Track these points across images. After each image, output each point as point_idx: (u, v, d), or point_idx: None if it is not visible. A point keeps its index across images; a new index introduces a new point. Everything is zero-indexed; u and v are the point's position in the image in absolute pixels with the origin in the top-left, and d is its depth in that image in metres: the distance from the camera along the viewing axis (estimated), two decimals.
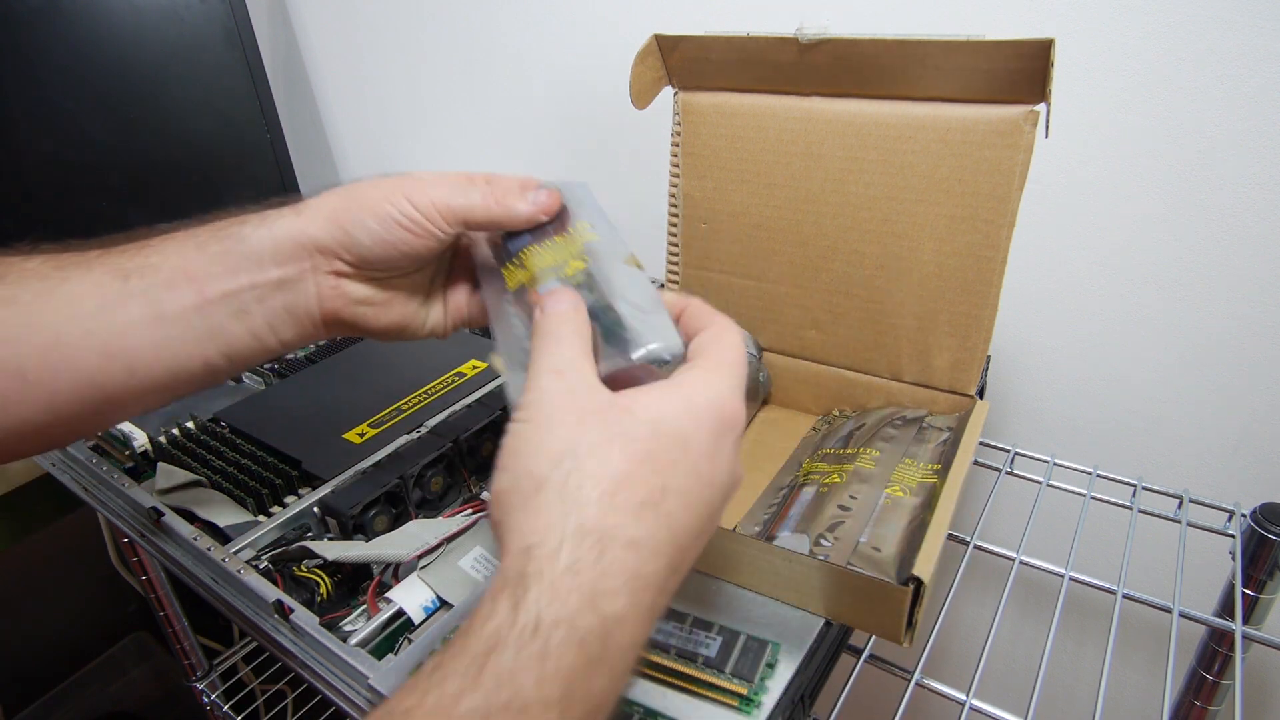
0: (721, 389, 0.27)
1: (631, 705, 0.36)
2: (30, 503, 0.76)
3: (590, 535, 0.22)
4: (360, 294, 0.36)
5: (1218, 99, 0.52)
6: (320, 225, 0.34)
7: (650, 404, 0.26)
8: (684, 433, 0.25)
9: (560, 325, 0.29)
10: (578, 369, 0.27)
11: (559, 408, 0.26)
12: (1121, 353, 0.62)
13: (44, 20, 0.76)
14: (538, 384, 0.27)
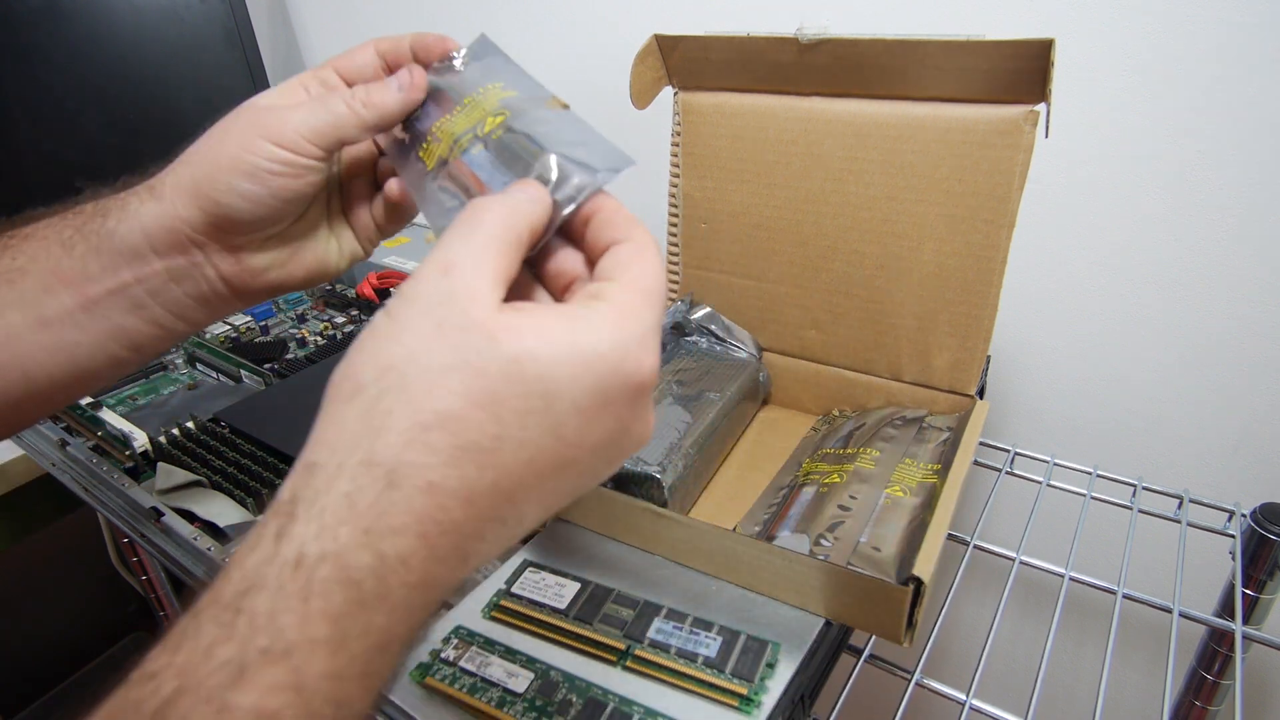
0: (625, 336, 0.22)
1: (631, 705, 0.36)
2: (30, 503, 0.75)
3: (379, 467, 0.20)
4: (263, 261, 0.33)
5: (1218, 99, 0.52)
6: (186, 206, 0.31)
7: (528, 336, 0.21)
8: (553, 382, 0.21)
9: (482, 212, 0.24)
10: (472, 267, 0.22)
11: (421, 310, 0.22)
12: (1121, 353, 0.62)
13: (44, 20, 0.76)
14: (417, 275, 0.23)
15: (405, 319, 0.22)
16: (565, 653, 0.39)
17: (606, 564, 0.45)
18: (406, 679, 0.38)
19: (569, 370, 0.21)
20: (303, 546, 0.19)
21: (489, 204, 0.25)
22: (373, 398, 0.21)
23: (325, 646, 0.18)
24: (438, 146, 0.32)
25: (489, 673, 0.37)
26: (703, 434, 0.50)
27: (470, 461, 0.20)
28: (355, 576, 0.19)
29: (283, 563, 0.19)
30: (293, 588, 0.18)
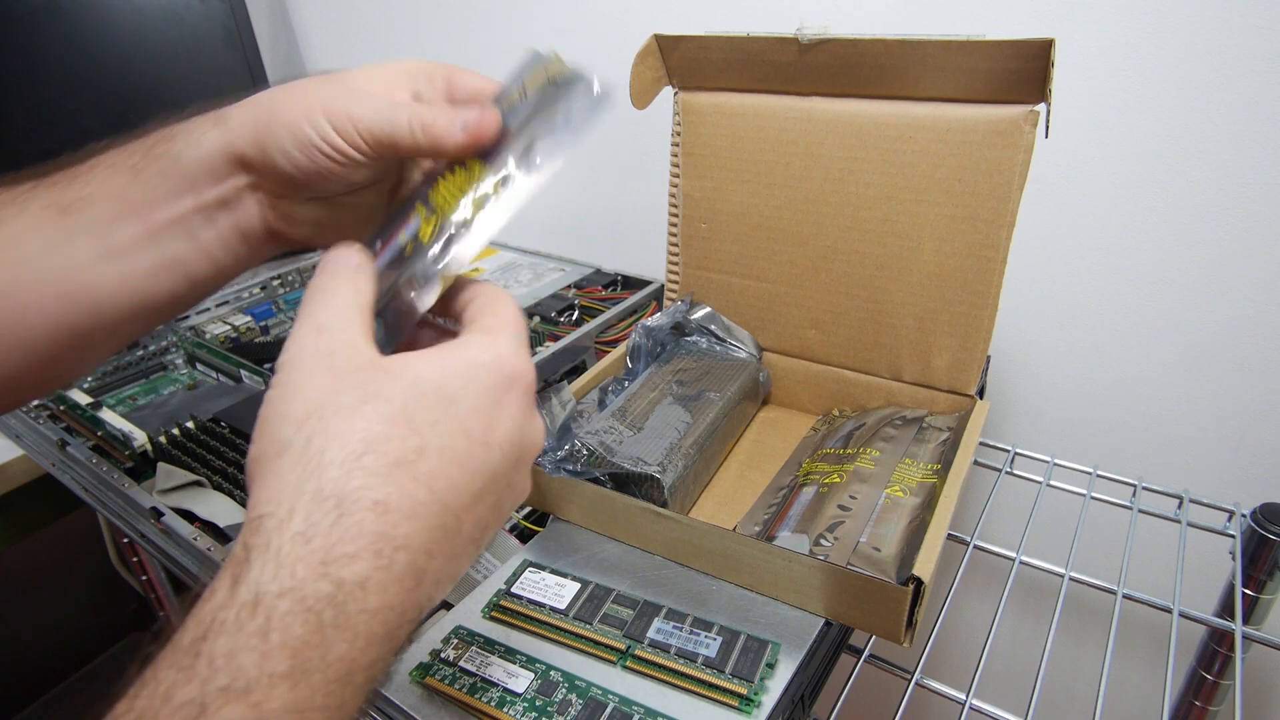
0: (498, 348, 0.26)
1: (631, 705, 0.36)
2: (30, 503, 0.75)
3: (329, 499, 0.21)
4: (302, 214, 0.33)
5: (1218, 99, 0.52)
6: (244, 139, 0.31)
7: (412, 364, 0.24)
8: (448, 391, 0.24)
9: (333, 278, 0.27)
10: (342, 325, 0.25)
11: (312, 368, 0.24)
12: (1121, 353, 0.62)
13: (44, 20, 0.76)
14: (295, 342, 0.25)
15: (300, 379, 0.24)
16: (565, 653, 0.39)
17: (606, 564, 0.45)
18: (406, 679, 0.38)
19: (459, 379, 0.24)
20: (260, 587, 0.19)
21: (337, 269, 0.28)
22: (301, 446, 0.22)
23: (286, 680, 0.19)
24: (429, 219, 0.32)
25: (489, 673, 0.37)
26: (703, 434, 0.50)
27: (405, 475, 0.22)
28: (315, 607, 0.19)
29: (240, 604, 0.19)
30: (252, 626, 0.19)
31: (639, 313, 0.73)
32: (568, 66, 0.32)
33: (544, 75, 0.32)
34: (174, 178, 0.31)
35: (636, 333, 0.58)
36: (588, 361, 0.66)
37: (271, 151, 0.30)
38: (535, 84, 0.32)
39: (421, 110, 0.31)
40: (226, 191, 0.32)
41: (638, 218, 0.86)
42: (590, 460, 0.47)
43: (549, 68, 0.32)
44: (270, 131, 0.30)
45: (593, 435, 0.48)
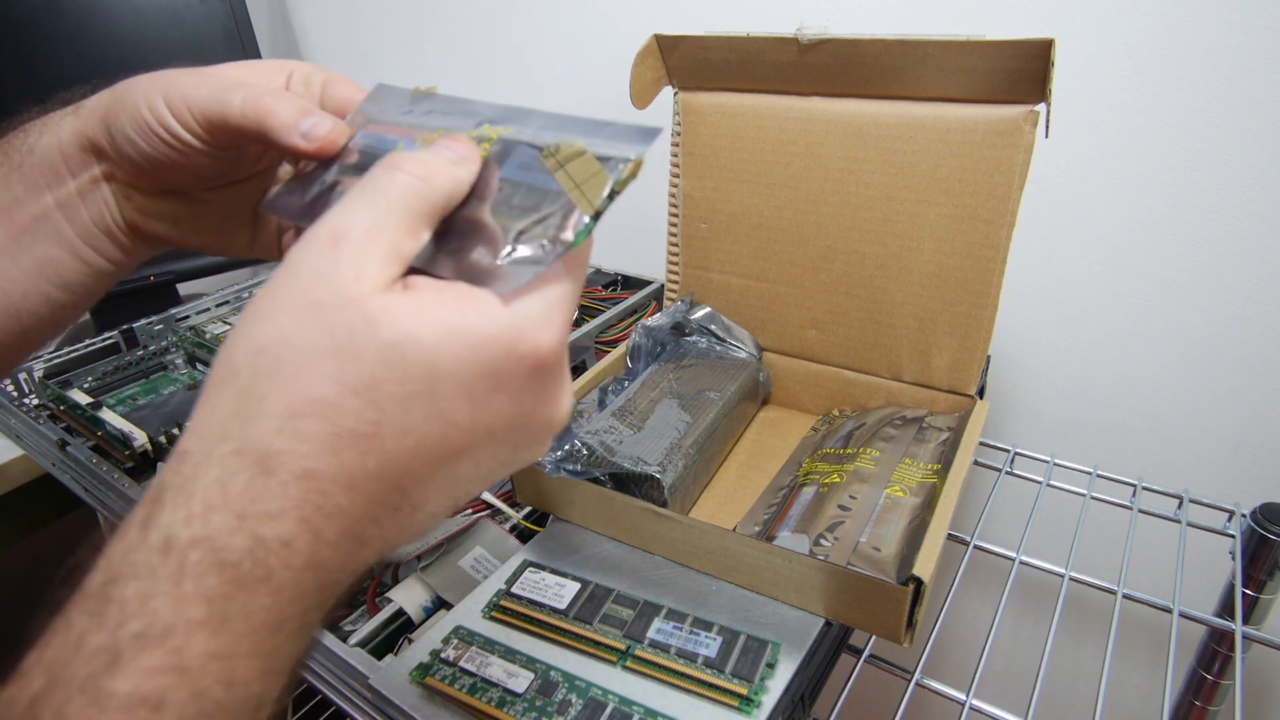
0: (519, 315, 0.21)
1: (631, 705, 0.36)
2: (30, 503, 0.75)
3: (250, 455, 0.19)
4: (158, 209, 0.31)
5: (1218, 99, 0.52)
6: (94, 124, 0.29)
7: (408, 319, 0.20)
8: (436, 365, 0.20)
9: (391, 174, 0.22)
10: (362, 240, 0.21)
11: (299, 286, 0.20)
12: (1121, 353, 0.62)
13: (44, 19, 0.76)
14: (304, 243, 0.21)
15: (283, 296, 0.21)
16: (565, 653, 0.39)
17: (606, 564, 0.45)
18: (406, 679, 0.38)
19: (453, 353, 0.20)
20: (170, 531, 0.18)
21: (401, 165, 0.22)
22: (246, 383, 0.20)
23: (204, 628, 0.18)
24: None
25: (489, 673, 0.37)
26: (703, 434, 0.50)
27: (349, 448, 0.20)
28: (230, 559, 0.18)
29: (150, 549, 0.18)
30: (164, 572, 0.18)
31: (639, 313, 0.73)
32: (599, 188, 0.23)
33: (553, 161, 0.24)
34: (32, 171, 0.29)
35: (636, 333, 0.58)
36: (588, 361, 0.66)
37: (116, 136, 0.28)
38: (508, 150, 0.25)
39: (257, 91, 0.27)
40: (84, 182, 0.30)
41: (638, 218, 0.86)
42: (590, 460, 0.47)
43: (562, 154, 0.24)
44: (115, 115, 0.28)
45: (593, 435, 0.48)
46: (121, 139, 0.28)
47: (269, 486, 0.19)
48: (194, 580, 0.18)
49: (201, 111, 0.27)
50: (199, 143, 0.28)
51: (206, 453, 0.19)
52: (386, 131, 0.28)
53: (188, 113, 0.27)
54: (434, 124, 0.28)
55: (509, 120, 0.27)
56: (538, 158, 0.24)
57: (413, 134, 0.27)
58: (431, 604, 0.44)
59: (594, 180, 0.23)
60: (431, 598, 0.44)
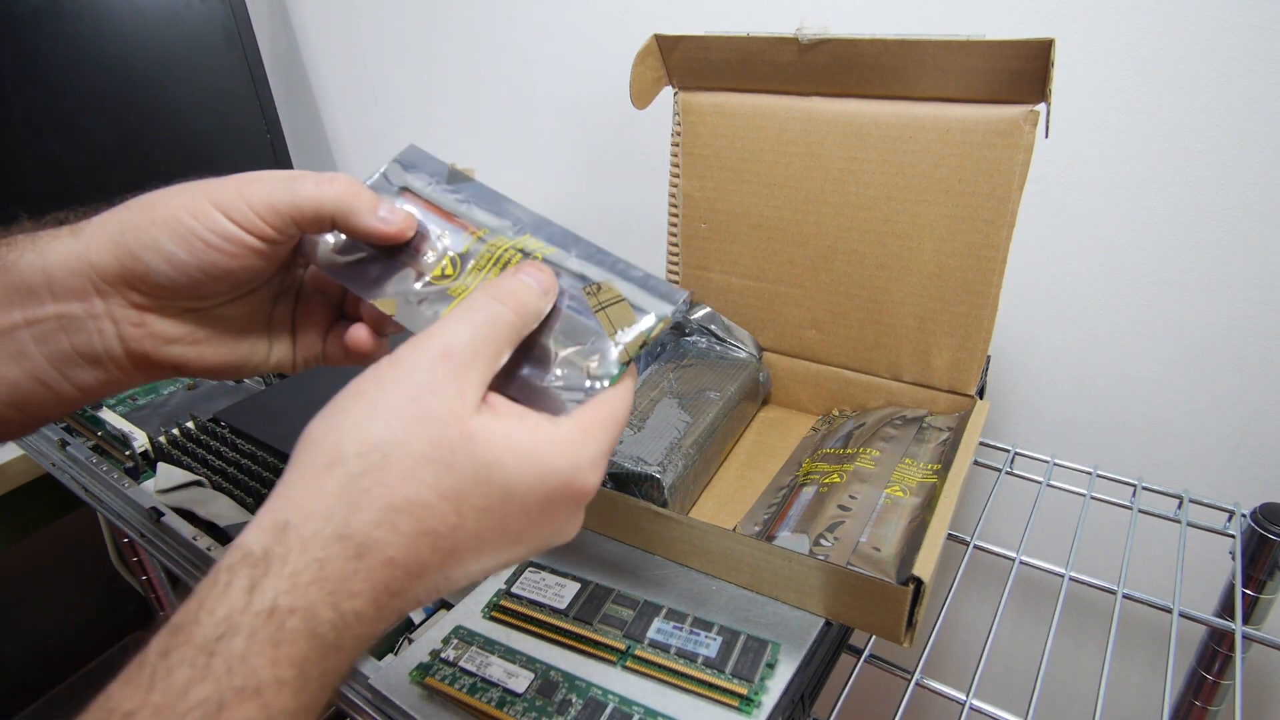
0: (579, 457, 0.25)
1: (631, 705, 0.36)
2: (30, 503, 0.76)
3: (351, 541, 0.22)
4: (172, 331, 0.30)
5: (1218, 99, 0.52)
6: (102, 248, 0.28)
7: (497, 443, 0.24)
8: (511, 488, 0.24)
9: (495, 305, 0.26)
10: (469, 360, 0.24)
11: (410, 392, 0.23)
12: (1121, 353, 0.62)
13: (44, 20, 0.76)
14: (419, 351, 0.24)
15: (392, 397, 0.23)
16: (565, 653, 0.39)
17: (606, 564, 0.45)
18: (406, 679, 0.38)
19: (528, 481, 0.24)
20: (275, 600, 0.21)
21: (500, 295, 0.26)
22: (354, 474, 0.22)
23: (290, 686, 0.20)
24: (485, 259, 0.30)
25: (489, 673, 0.37)
26: (703, 434, 0.50)
27: (427, 544, 0.23)
28: (319, 630, 0.21)
29: (255, 612, 0.20)
30: (264, 634, 0.20)
31: None
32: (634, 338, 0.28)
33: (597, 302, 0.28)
34: (4, 289, 0.27)
35: None
36: None
37: (140, 250, 0.28)
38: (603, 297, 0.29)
39: (329, 176, 0.29)
40: (71, 309, 0.28)
41: (638, 218, 0.86)
42: None
43: (604, 295, 0.28)
44: (138, 231, 0.28)
45: None
46: (153, 255, 0.28)
47: (358, 570, 0.22)
48: (289, 645, 0.20)
49: (267, 204, 0.28)
50: (260, 239, 0.28)
51: (313, 531, 0.22)
52: (432, 211, 0.31)
53: (249, 212, 0.28)
54: (478, 219, 0.31)
55: (541, 232, 0.30)
56: (582, 292, 0.28)
57: (460, 224, 0.31)
58: (431, 604, 0.44)
59: (632, 332, 0.27)
60: None
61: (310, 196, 0.28)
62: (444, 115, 0.96)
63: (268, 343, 0.34)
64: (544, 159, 0.90)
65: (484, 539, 0.24)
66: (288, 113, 1.09)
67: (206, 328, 0.31)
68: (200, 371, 0.32)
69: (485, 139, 0.94)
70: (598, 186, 0.87)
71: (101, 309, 0.29)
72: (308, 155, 1.13)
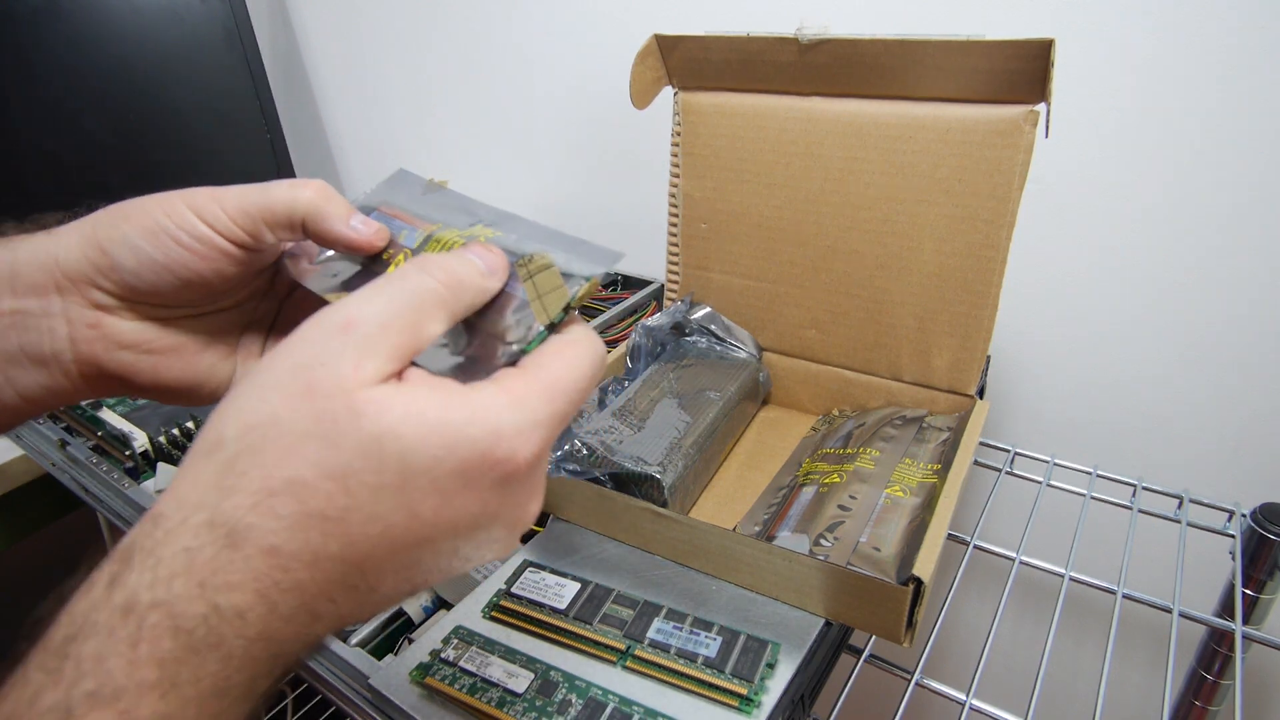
0: (501, 422, 0.22)
1: (631, 705, 0.36)
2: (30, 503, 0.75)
3: (221, 528, 0.19)
4: (129, 335, 0.29)
5: (1217, 99, 0.52)
6: (71, 245, 0.27)
7: (392, 414, 0.21)
8: (411, 462, 0.21)
9: (419, 276, 0.23)
10: (373, 332, 0.21)
11: (297, 366, 0.21)
12: (1121, 353, 0.62)
13: (44, 20, 0.76)
14: (319, 323, 0.22)
15: (281, 373, 0.21)
16: (565, 653, 0.39)
17: (606, 564, 0.45)
18: (406, 679, 0.38)
19: (431, 451, 0.21)
20: (134, 594, 0.19)
21: (429, 267, 0.24)
22: (230, 457, 0.20)
23: (154, 690, 0.18)
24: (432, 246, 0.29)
25: (489, 673, 0.37)
26: (703, 434, 0.50)
27: (315, 529, 0.20)
28: (186, 625, 0.19)
29: (112, 608, 0.19)
30: (122, 633, 0.18)
31: (639, 313, 0.73)
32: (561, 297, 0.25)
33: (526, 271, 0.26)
34: None
35: (636, 333, 0.58)
36: None
37: (109, 245, 0.27)
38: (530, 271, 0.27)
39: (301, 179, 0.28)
40: (23, 309, 0.27)
41: (638, 218, 0.86)
42: (590, 460, 0.47)
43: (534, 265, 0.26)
44: (111, 227, 0.27)
45: (593, 434, 0.48)
46: (121, 249, 0.27)
47: (233, 559, 0.19)
48: (150, 643, 0.18)
49: (239, 205, 0.27)
50: (230, 241, 0.28)
51: (181, 520, 0.20)
52: (396, 216, 0.30)
53: (221, 213, 0.27)
54: (436, 216, 0.30)
55: (500, 224, 0.29)
56: (514, 265, 0.26)
57: (415, 222, 0.30)
58: (431, 604, 0.44)
59: (555, 294, 0.25)
60: (431, 598, 0.44)
61: (282, 198, 0.28)
62: (444, 115, 0.96)
63: (230, 367, 0.32)
64: (544, 159, 0.90)
65: (391, 523, 0.21)
66: (288, 113, 1.09)
67: (166, 338, 0.30)
68: (150, 387, 0.30)
69: (485, 139, 0.94)
70: (598, 186, 0.87)
71: (58, 306, 0.28)
72: (308, 155, 1.13)
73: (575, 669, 0.38)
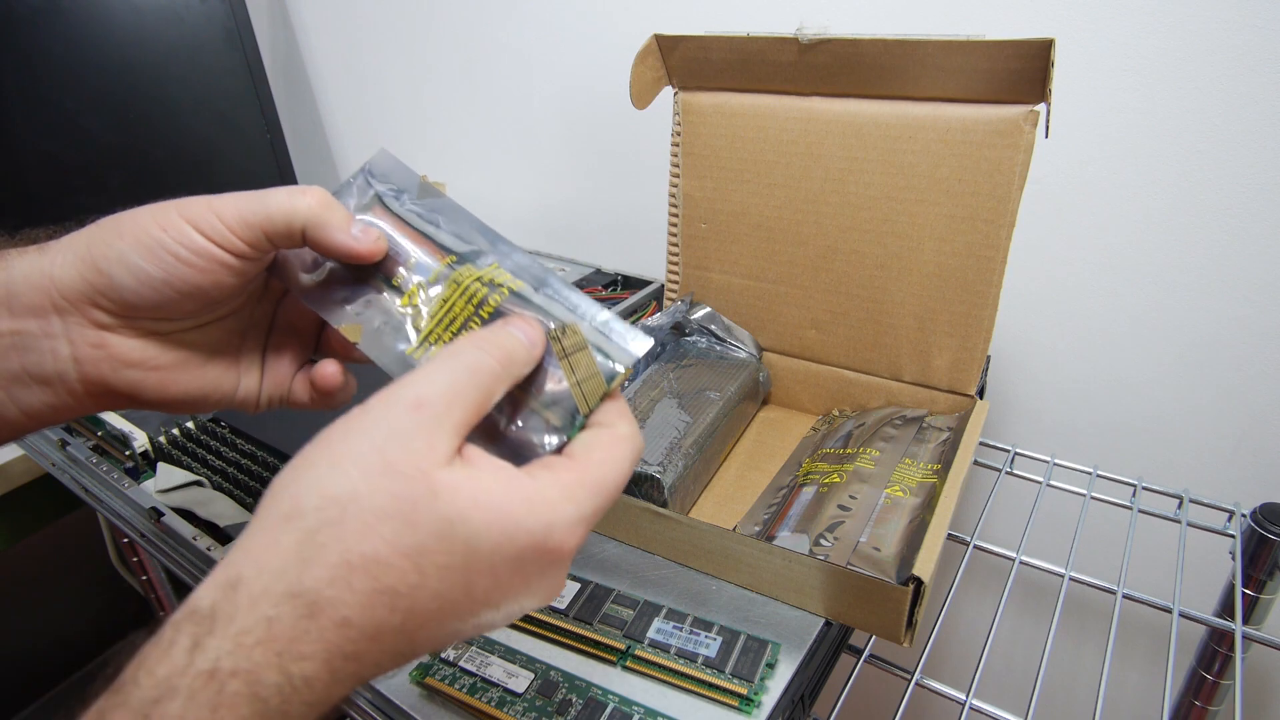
0: (555, 516, 0.23)
1: (631, 705, 0.36)
2: (30, 503, 0.76)
3: (302, 599, 0.20)
4: (134, 354, 0.29)
5: (1217, 99, 0.52)
6: (66, 264, 0.27)
7: (464, 498, 0.22)
8: (477, 546, 0.22)
9: (475, 353, 0.25)
10: (442, 411, 0.23)
11: (376, 442, 0.22)
12: (1121, 353, 0.62)
13: (44, 20, 0.76)
14: (390, 400, 0.23)
15: (357, 447, 0.22)
16: (565, 653, 0.39)
17: (606, 564, 0.45)
18: (406, 679, 0.38)
19: (494, 538, 0.22)
20: (217, 660, 0.20)
21: (485, 345, 0.25)
22: (310, 528, 0.21)
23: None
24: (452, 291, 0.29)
25: (489, 673, 0.37)
26: (703, 434, 0.50)
27: (384, 604, 0.21)
28: (262, 694, 0.20)
29: (196, 673, 0.19)
30: (203, 697, 0.19)
31: (639, 313, 0.73)
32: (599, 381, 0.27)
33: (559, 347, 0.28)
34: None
35: None
36: None
37: (105, 264, 0.27)
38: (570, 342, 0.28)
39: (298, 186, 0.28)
40: (26, 326, 0.27)
41: (638, 218, 0.86)
42: None
43: (568, 342, 0.27)
44: (105, 245, 0.27)
45: None
46: (118, 269, 0.27)
47: (309, 630, 0.20)
48: (229, 709, 0.19)
49: (238, 216, 0.27)
50: (230, 253, 0.27)
51: (264, 587, 0.21)
52: (403, 231, 0.30)
53: (219, 224, 0.27)
54: (446, 242, 0.30)
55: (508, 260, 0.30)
56: (548, 336, 0.27)
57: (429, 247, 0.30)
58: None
59: (593, 383, 0.27)
60: None
61: (281, 207, 0.27)
62: (444, 115, 0.96)
63: (235, 376, 0.32)
64: (544, 159, 0.90)
65: (447, 600, 0.22)
66: (288, 113, 1.09)
67: (170, 353, 0.30)
68: (157, 401, 0.30)
69: (485, 139, 0.94)
70: (598, 186, 0.87)
71: (59, 328, 0.28)
72: (308, 155, 1.13)
73: (575, 669, 0.38)
